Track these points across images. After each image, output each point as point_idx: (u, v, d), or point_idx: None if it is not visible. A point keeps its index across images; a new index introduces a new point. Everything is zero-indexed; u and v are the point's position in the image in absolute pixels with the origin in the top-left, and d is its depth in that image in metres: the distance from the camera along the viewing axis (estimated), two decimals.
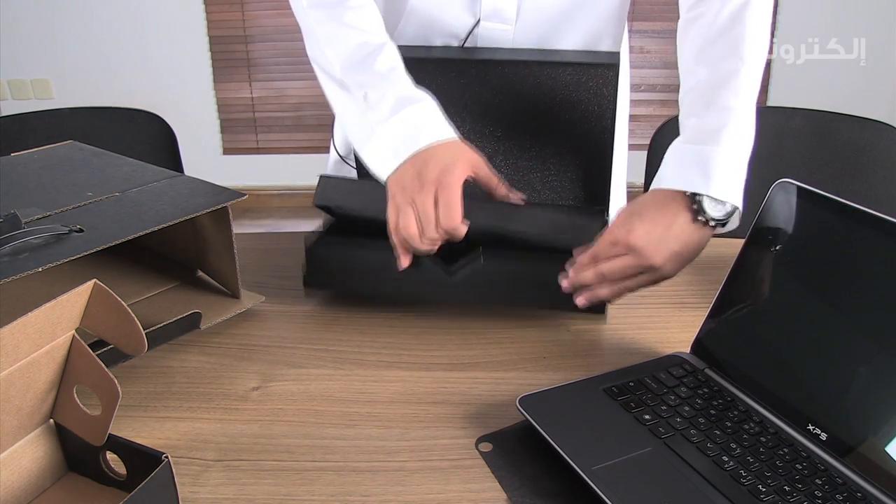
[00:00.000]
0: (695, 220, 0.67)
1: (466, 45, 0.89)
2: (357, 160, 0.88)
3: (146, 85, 3.08)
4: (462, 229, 0.67)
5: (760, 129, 0.70)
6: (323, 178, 0.79)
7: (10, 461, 0.51)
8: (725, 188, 0.66)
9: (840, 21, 2.84)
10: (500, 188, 0.72)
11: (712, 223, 0.67)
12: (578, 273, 0.69)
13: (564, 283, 0.70)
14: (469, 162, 0.69)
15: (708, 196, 0.66)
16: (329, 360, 0.71)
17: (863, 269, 0.55)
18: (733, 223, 0.68)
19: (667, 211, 0.67)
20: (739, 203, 0.66)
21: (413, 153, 0.69)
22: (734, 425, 0.57)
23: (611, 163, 0.85)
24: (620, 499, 0.50)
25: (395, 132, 0.71)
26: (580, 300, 0.70)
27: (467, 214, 0.67)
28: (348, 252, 0.77)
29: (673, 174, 0.68)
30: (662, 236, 0.66)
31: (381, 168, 0.72)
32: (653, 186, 0.70)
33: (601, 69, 0.81)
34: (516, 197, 0.73)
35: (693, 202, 0.67)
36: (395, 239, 0.70)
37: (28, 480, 0.52)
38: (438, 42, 0.89)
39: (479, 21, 0.87)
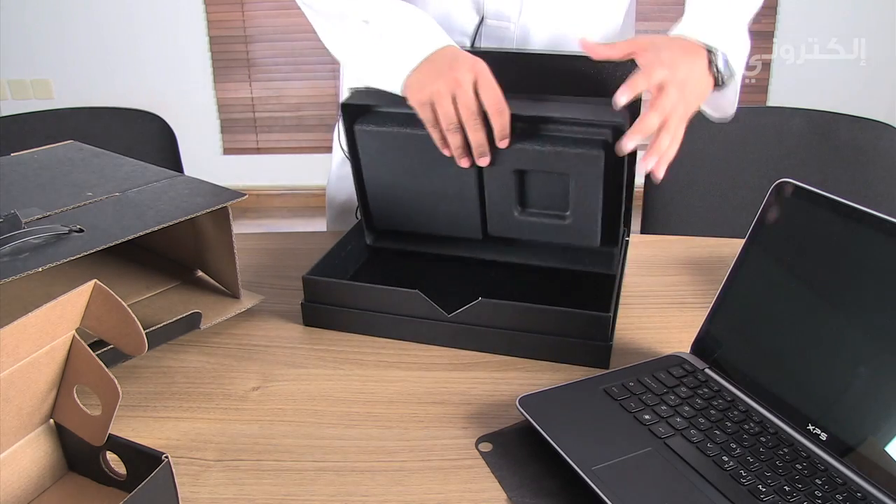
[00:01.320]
0: (709, 68, 0.73)
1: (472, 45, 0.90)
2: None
3: (146, 85, 3.08)
4: (507, 108, 0.69)
5: (760, 129, 0.71)
6: (352, 89, 0.80)
7: (10, 461, 0.51)
8: (737, 57, 0.73)
9: (840, 21, 2.84)
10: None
11: (719, 77, 0.73)
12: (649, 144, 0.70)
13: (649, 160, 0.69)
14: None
15: (723, 55, 0.72)
16: (329, 360, 0.71)
17: (863, 268, 0.55)
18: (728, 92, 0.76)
19: (689, 51, 0.72)
20: (738, 78, 0.75)
21: (432, 52, 0.72)
22: (734, 425, 0.57)
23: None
24: (620, 499, 0.50)
25: (408, 36, 0.73)
26: (659, 170, 0.70)
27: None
28: (346, 293, 0.75)
29: (703, 28, 0.73)
30: (684, 64, 0.71)
31: (398, 70, 0.73)
32: (682, 33, 0.74)
33: (627, 63, 0.81)
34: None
35: (710, 55, 0.72)
36: (441, 132, 0.72)
37: (28, 480, 0.52)
38: None
39: (483, 19, 0.88)
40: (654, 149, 0.69)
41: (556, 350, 0.70)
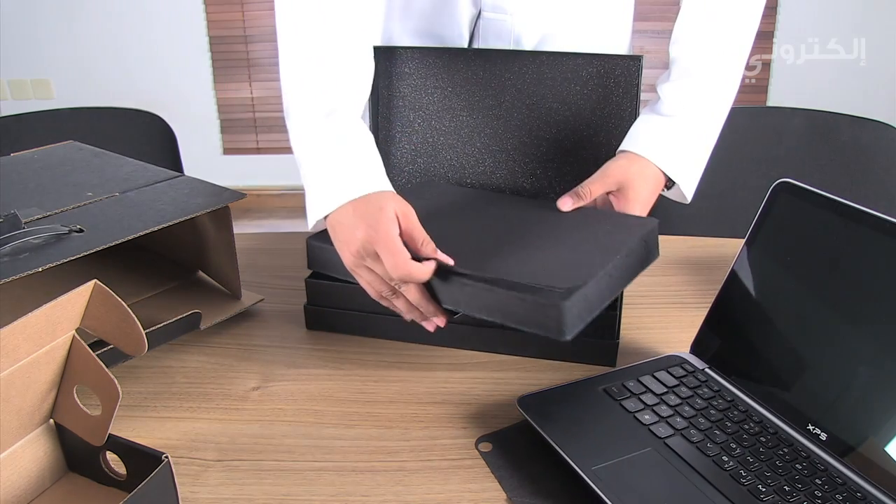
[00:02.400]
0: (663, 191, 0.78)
1: (471, 37, 0.90)
2: None
3: (146, 85, 3.08)
4: (414, 273, 0.61)
5: (760, 129, 0.71)
6: (309, 242, 0.72)
7: (10, 461, 0.51)
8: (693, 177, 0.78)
9: (840, 21, 2.84)
10: (427, 246, 0.62)
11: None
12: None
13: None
14: (399, 210, 0.63)
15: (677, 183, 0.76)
16: (329, 360, 0.71)
17: (863, 269, 0.55)
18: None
19: (656, 190, 0.76)
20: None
21: (333, 212, 0.65)
22: (734, 425, 0.57)
23: None
24: (620, 499, 0.50)
25: (326, 180, 0.68)
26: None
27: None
28: (349, 296, 0.74)
29: (673, 160, 0.76)
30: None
31: (310, 214, 0.68)
32: (651, 157, 0.75)
33: (625, 61, 0.82)
34: (444, 258, 0.62)
35: (670, 182, 0.77)
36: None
37: (28, 480, 0.52)
38: (443, 32, 0.90)
39: (480, 12, 0.88)
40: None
41: (563, 349, 0.70)
